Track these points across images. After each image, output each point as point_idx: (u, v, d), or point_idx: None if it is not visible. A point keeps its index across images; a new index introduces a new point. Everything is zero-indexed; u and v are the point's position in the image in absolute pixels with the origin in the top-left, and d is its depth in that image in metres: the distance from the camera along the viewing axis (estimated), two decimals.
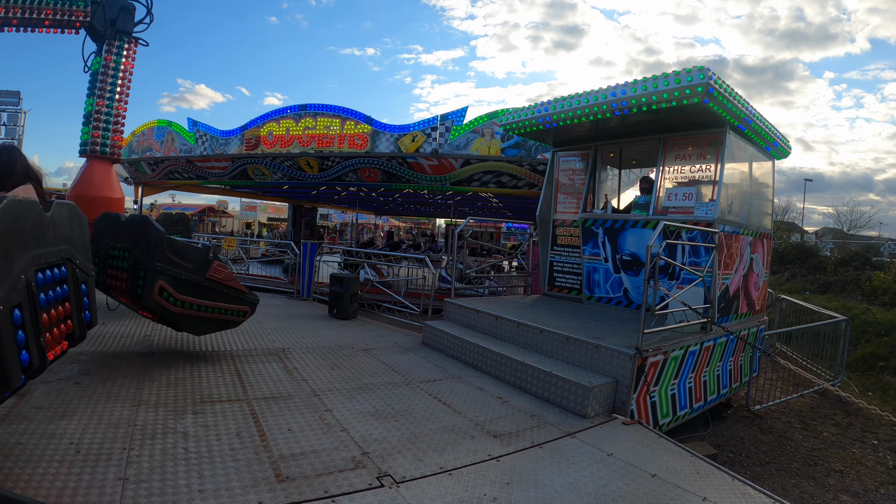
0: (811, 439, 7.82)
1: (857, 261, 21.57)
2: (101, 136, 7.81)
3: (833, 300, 17.09)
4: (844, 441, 7.96)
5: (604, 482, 3.33)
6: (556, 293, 8.64)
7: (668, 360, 5.24)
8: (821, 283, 20.37)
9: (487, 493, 3.01)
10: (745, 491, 3.41)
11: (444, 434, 3.87)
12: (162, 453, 3.11)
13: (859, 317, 14.70)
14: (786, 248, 24.96)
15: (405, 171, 14.33)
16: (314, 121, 14.25)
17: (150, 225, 4.68)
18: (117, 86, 8.08)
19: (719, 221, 6.37)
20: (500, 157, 13.19)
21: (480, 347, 5.93)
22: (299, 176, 15.78)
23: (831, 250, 29.30)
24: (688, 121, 6.81)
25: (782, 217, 53.08)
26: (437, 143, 13.21)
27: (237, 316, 5.40)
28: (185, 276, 4.75)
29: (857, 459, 7.24)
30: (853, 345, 13.60)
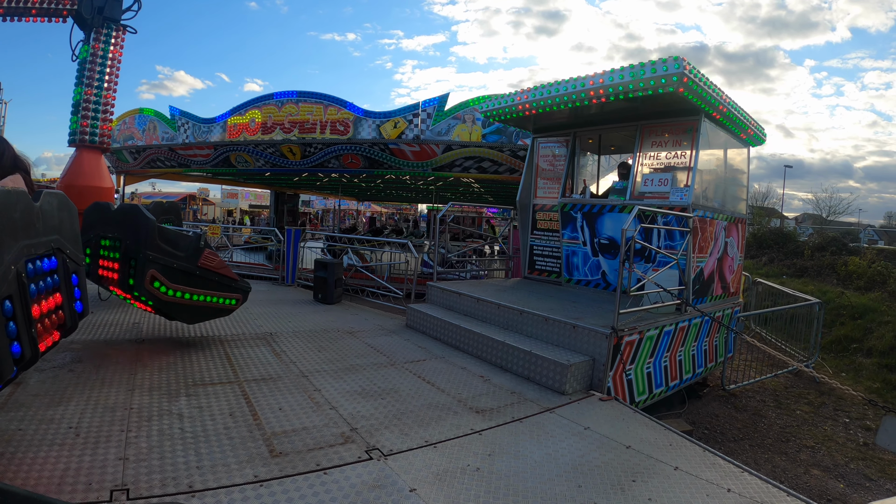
0: (784, 417, 8.13)
1: (834, 246, 22.05)
2: (90, 126, 7.74)
3: (809, 284, 17.51)
4: (817, 419, 8.30)
5: (580, 453, 3.54)
6: (536, 276, 8.84)
7: (644, 339, 5.45)
8: (798, 267, 20.81)
9: (470, 464, 3.21)
10: (714, 461, 3.64)
11: (429, 410, 4.05)
12: (159, 434, 3.25)
13: (834, 300, 15.14)
14: (764, 234, 25.41)
15: (387, 157, 14.41)
16: (296, 107, 14.30)
17: (140, 214, 4.66)
18: (105, 74, 7.97)
19: (694, 206, 6.56)
20: (481, 143, 13.33)
21: (462, 329, 6.12)
22: (282, 163, 15.80)
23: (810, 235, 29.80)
24: (664, 109, 6.98)
25: (762, 203, 53.72)
26: (418, 129, 13.30)
27: (229, 304, 5.40)
28: (176, 265, 4.75)
29: (829, 436, 7.56)
30: (828, 327, 14.03)
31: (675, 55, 5.96)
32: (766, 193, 55.85)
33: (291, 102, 14.46)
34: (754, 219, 30.56)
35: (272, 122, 14.58)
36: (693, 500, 3.01)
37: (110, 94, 8.03)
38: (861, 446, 7.24)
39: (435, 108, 13.03)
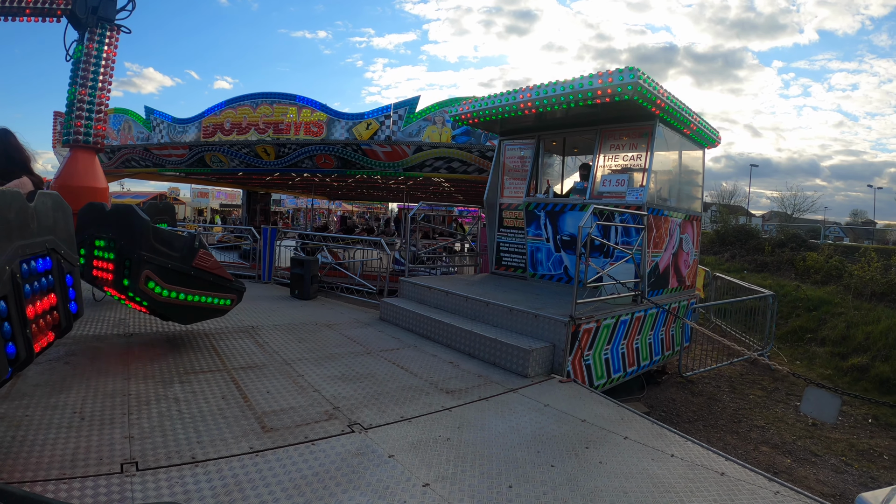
0: (738, 401, 8.69)
1: (794, 242, 22.98)
2: (84, 126, 7.71)
3: (768, 279, 18.30)
4: (769, 402, 8.87)
5: (540, 426, 3.95)
6: (502, 272, 9.25)
7: (601, 327, 5.88)
8: (758, 263, 21.66)
9: (441, 435, 3.60)
10: (661, 432, 4.10)
11: (404, 392, 4.42)
12: (159, 415, 3.55)
13: (791, 294, 15.95)
14: (727, 231, 26.28)
15: (360, 157, 14.71)
16: (271, 108, 14.50)
17: (135, 214, 4.67)
18: (100, 74, 7.93)
19: (648, 205, 7.01)
20: (450, 144, 13.70)
21: (433, 320, 6.51)
22: (256, 163, 15.98)
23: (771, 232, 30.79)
24: (622, 114, 7.42)
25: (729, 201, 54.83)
26: (390, 130, 13.61)
27: (224, 304, 5.42)
28: (171, 265, 4.75)
29: (779, 417, 8.12)
30: (784, 319, 14.81)
31: (630, 66, 6.45)
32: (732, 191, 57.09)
33: (266, 103, 14.65)
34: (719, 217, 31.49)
35: (247, 123, 14.74)
36: (639, 462, 3.46)
37: (104, 95, 8.02)
38: (809, 427, 7.79)
39: (406, 110, 13.37)
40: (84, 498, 2.50)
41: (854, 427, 8.24)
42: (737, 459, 3.75)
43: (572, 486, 3.04)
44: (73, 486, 2.61)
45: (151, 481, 2.71)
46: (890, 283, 15.28)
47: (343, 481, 2.86)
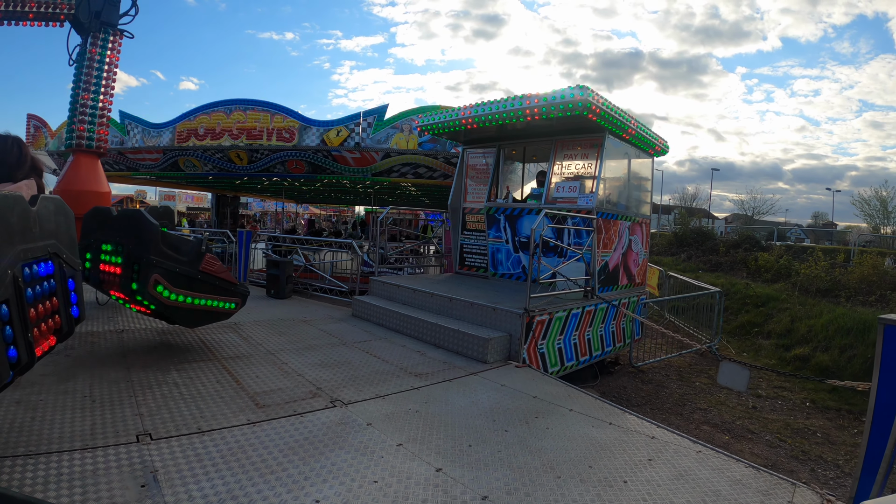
0: (684, 388, 9.42)
1: (748, 243, 24.12)
2: (87, 130, 7.70)
3: (721, 277, 19.25)
4: (713, 389, 9.61)
5: (496, 401, 4.53)
6: (466, 271, 9.85)
7: (553, 319, 6.49)
8: (713, 263, 22.69)
9: (411, 408, 4.16)
10: (602, 406, 4.72)
11: (377, 375, 4.97)
12: (162, 396, 4.00)
13: (741, 291, 16.94)
14: (685, 233, 27.35)
15: (330, 163, 15.14)
16: (244, 115, 14.86)
17: (144, 218, 4.69)
18: (102, 78, 7.91)
19: (598, 209, 7.68)
20: (417, 151, 14.25)
21: (402, 315, 7.06)
22: (229, 167, 16.30)
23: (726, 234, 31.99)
24: (575, 127, 8.06)
25: (691, 203, 56.37)
26: (359, 137, 14.09)
27: (229, 308, 5.45)
28: (179, 269, 4.77)
29: (722, 401, 8.84)
30: (735, 315, 15.77)
31: (581, 84, 7.13)
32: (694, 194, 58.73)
33: (240, 110, 15.01)
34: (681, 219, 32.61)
35: (221, 129, 15.06)
36: (581, 429, 4.07)
37: (107, 99, 8.01)
38: (749, 409, 8.51)
39: (375, 117, 13.90)
40: (108, 462, 2.94)
41: (792, 410, 8.98)
42: (667, 426, 4.41)
43: (522, 445, 3.65)
44: (97, 453, 3.03)
45: (166, 447, 3.18)
46: (833, 280, 16.34)
47: (330, 443, 3.41)
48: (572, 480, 3.19)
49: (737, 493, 3.21)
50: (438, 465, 3.24)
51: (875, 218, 43.78)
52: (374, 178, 15.29)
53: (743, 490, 3.27)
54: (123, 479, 2.77)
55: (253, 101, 14.83)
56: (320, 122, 14.46)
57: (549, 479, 3.19)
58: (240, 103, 15.07)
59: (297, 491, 2.79)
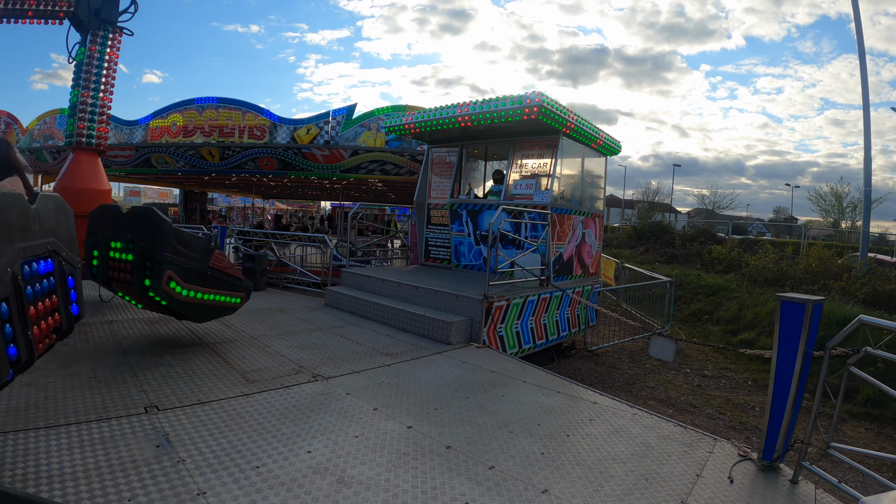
0: (635, 369, 10.12)
1: (703, 237, 25.19)
2: (87, 128, 7.61)
3: (676, 269, 20.17)
4: (663, 370, 10.37)
5: (459, 374, 5.11)
6: (431, 263, 10.39)
7: (511, 305, 7.07)
8: (669, 255, 23.63)
9: (384, 381, 4.70)
10: (553, 378, 5.32)
11: (352, 355, 5.49)
12: (161, 376, 4.43)
13: (693, 281, 17.88)
14: (644, 227, 28.33)
15: (300, 160, 15.51)
16: (216, 113, 15.13)
17: (157, 216, 4.71)
18: (102, 76, 7.81)
19: (552, 205, 8.27)
20: (384, 149, 14.74)
21: (372, 303, 7.58)
22: (201, 164, 16.48)
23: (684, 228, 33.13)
24: (532, 129, 8.62)
25: (653, 198, 57.63)
26: (329, 135, 14.54)
27: (235, 302, 5.57)
28: (190, 266, 4.83)
29: (669, 381, 9.55)
30: (687, 303, 16.66)
31: (537, 91, 7.75)
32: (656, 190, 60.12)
33: (212, 108, 15.28)
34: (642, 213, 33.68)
35: (193, 126, 15.31)
36: (532, 396, 4.66)
37: (107, 97, 7.92)
38: (695, 387, 9.20)
39: (344, 116, 14.35)
40: (123, 429, 3.37)
41: (734, 388, 9.71)
42: (608, 394, 5.07)
43: (480, 408, 4.24)
44: (112, 423, 3.46)
45: (172, 416, 3.63)
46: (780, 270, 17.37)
47: (315, 409, 3.94)
48: (522, 434, 3.80)
49: (664, 445, 3.84)
50: (409, 423, 3.81)
51: (830, 213, 45.63)
52: (342, 174, 15.74)
53: (670, 443, 3.90)
54: (140, 442, 3.22)
55: (225, 99, 15.11)
56: (291, 120, 14.83)
57: (503, 433, 3.79)
58: (212, 101, 15.31)
59: (291, 445, 3.32)
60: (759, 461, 3.69)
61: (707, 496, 3.14)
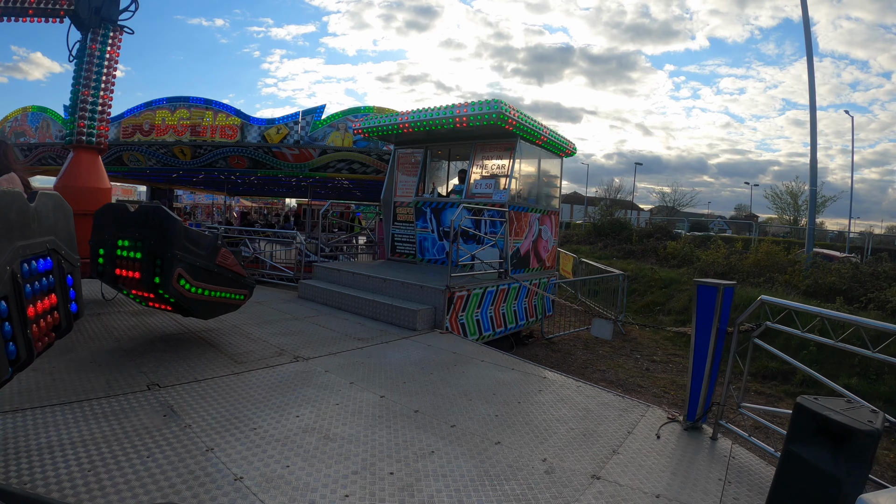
0: (589, 355, 10.79)
1: (659, 233, 26.23)
2: (87, 126, 7.55)
3: (632, 264, 21.07)
4: (615, 355, 11.07)
5: (423, 355, 5.68)
6: (397, 258, 10.94)
7: (471, 295, 7.66)
8: (627, 251, 24.56)
9: (357, 361, 5.24)
10: (508, 358, 5.94)
11: (327, 340, 6.00)
12: (156, 360, 4.86)
13: (648, 275, 18.80)
14: (602, 223, 29.31)
15: (270, 158, 15.83)
16: (188, 112, 15.35)
17: (166, 215, 4.75)
18: (103, 75, 7.72)
19: (510, 203, 8.89)
20: (352, 148, 15.21)
21: (343, 294, 8.09)
22: (173, 162, 16.65)
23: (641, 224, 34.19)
24: (491, 132, 9.20)
25: (615, 195, 58.64)
26: (298, 135, 14.97)
27: (239, 299, 5.66)
28: (198, 263, 4.89)
29: (620, 365, 10.23)
30: (641, 295, 17.56)
31: (496, 98, 8.38)
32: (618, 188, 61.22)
33: (184, 107, 15.49)
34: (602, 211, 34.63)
35: (166, 125, 15.48)
36: (490, 373, 5.24)
37: (108, 95, 7.82)
38: (643, 371, 9.87)
39: (313, 117, 14.83)
40: (131, 403, 3.80)
41: (681, 371, 10.33)
42: (557, 371, 5.71)
43: (443, 382, 4.82)
44: (119, 399, 3.89)
45: (173, 391, 4.09)
46: (730, 265, 18.42)
47: (299, 383, 4.47)
48: (480, 402, 4.40)
49: (603, 410, 4.49)
50: (381, 393, 4.38)
51: (786, 211, 47.28)
52: (311, 172, 16.17)
53: (608, 408, 4.55)
54: (147, 413, 3.67)
55: (197, 98, 15.33)
56: (261, 119, 15.18)
57: (463, 401, 4.39)
58: (184, 101, 15.50)
59: (282, 412, 3.85)
60: (684, 422, 4.34)
61: (636, 448, 3.78)
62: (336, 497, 2.78)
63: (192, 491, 2.72)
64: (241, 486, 2.81)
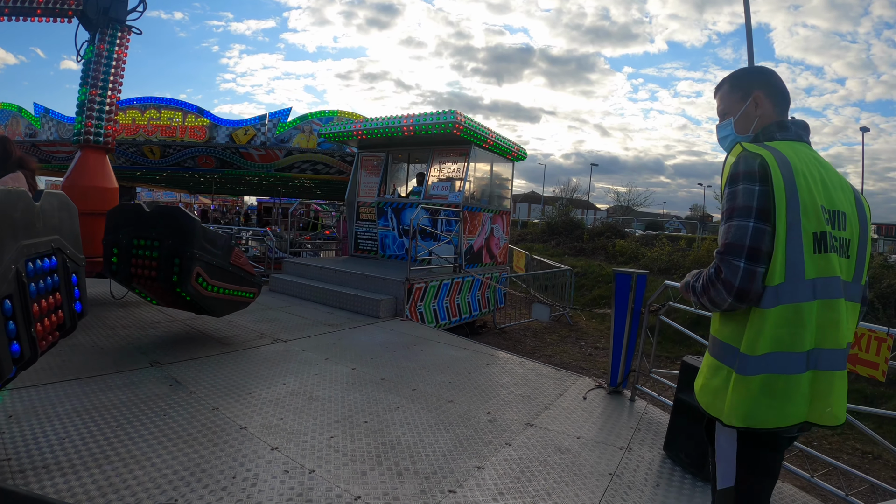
0: (537, 342, 11.68)
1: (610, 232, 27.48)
2: (95, 126, 7.49)
3: (582, 261, 22.22)
4: (561, 343, 11.98)
5: (387, 338, 6.44)
6: (360, 254, 11.68)
7: (428, 287, 8.44)
8: (578, 248, 25.68)
9: (330, 342, 5.96)
10: (460, 340, 6.71)
11: (301, 326, 6.68)
12: (151, 342, 5.43)
13: (596, 271, 19.95)
14: (556, 222, 30.43)
15: (237, 159, 16.29)
16: (158, 113, 15.64)
17: (184, 215, 4.83)
18: (111, 74, 7.69)
19: (464, 204, 9.73)
20: (316, 150, 15.79)
21: (312, 286, 8.75)
22: (142, 161, 16.90)
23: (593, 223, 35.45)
24: (448, 139, 10.03)
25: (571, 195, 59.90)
26: (265, 136, 15.53)
27: (249, 297, 5.83)
28: (215, 262, 5.00)
29: (565, 350, 11.11)
30: (590, 290, 18.67)
31: (451, 109, 9.21)
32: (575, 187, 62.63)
33: (154, 108, 15.78)
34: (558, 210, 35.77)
35: (136, 125, 15.73)
36: (444, 351, 6.03)
37: (115, 95, 7.79)
38: (586, 355, 10.74)
39: (279, 119, 15.41)
40: (139, 377, 4.38)
41: None
42: (503, 349, 6.57)
43: (405, 358, 5.58)
44: (128, 374, 4.45)
45: (174, 367, 4.71)
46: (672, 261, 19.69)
47: (281, 360, 5.16)
48: (436, 372, 5.20)
49: (540, 379, 5.34)
50: (353, 366, 5.13)
51: None
52: (276, 172, 16.72)
53: (545, 378, 5.41)
54: (155, 384, 4.28)
55: (165, 99, 15.67)
56: (230, 121, 15.62)
57: (422, 372, 5.18)
58: (153, 101, 15.77)
59: (270, 381, 4.55)
60: (608, 388, 5.22)
61: (565, 406, 4.64)
62: (323, 438, 3.54)
63: (207, 437, 3.40)
64: (247, 433, 3.52)
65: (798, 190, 1.69)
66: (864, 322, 2.95)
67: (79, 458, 3.00)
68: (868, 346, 3.30)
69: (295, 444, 3.44)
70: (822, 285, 1.70)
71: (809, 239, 1.69)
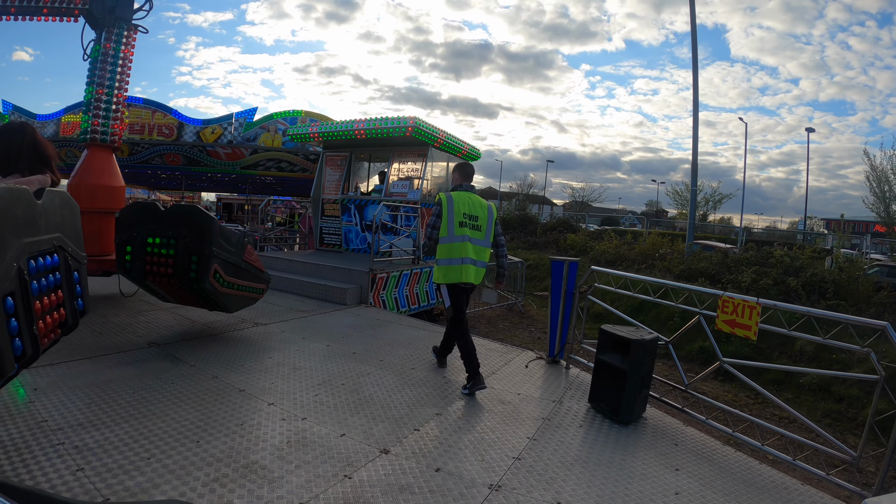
0: (490, 328, 12.59)
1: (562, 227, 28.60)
2: (101, 125, 7.45)
3: (535, 254, 23.24)
4: (512, 329, 12.90)
5: (355, 321, 7.21)
6: (325, 248, 12.33)
7: (390, 277, 9.16)
8: (531, 242, 26.69)
9: (303, 325, 6.68)
10: (419, 322, 7.57)
11: (276, 312, 7.36)
12: (145, 328, 6.00)
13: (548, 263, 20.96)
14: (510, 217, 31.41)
15: (204, 157, 16.64)
16: (127, 111, 15.87)
17: (202, 213, 4.86)
18: (117, 73, 7.62)
19: (422, 200, 10.51)
20: (281, 149, 16.33)
21: (283, 277, 9.36)
22: None
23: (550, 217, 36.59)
24: (407, 141, 10.78)
25: (528, 191, 60.73)
26: (232, 135, 16.02)
27: (259, 293, 5.99)
28: (230, 259, 5.06)
29: (516, 335, 11.99)
30: (542, 281, 19.70)
31: (413, 116, 10.00)
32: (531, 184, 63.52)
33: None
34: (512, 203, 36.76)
35: None
36: (405, 331, 6.83)
37: (121, 94, 7.73)
38: (535, 339, 11.65)
39: (245, 119, 15.90)
40: (144, 355, 4.96)
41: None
42: None
43: (372, 336, 6.38)
44: (131, 353, 5.03)
45: (171, 347, 5.33)
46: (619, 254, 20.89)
47: (264, 340, 5.87)
48: (399, 347, 6.03)
49: (489, 353, 6.24)
50: (327, 343, 5.90)
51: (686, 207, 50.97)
52: (242, 170, 17.21)
53: (493, 352, 6.34)
54: (158, 361, 4.91)
55: (134, 97, 15.98)
56: (197, 120, 15.99)
57: (387, 347, 5.99)
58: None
59: (258, 356, 5.25)
60: (547, 358, 6.14)
61: (509, 372, 5.55)
62: (309, 396, 4.33)
63: (213, 397, 4.11)
64: (246, 394, 4.26)
65: (454, 206, 4.96)
66: (733, 294, 3.98)
67: (107, 416, 3.61)
68: (744, 312, 4.21)
69: (287, 400, 4.20)
70: (460, 237, 4.93)
71: (457, 221, 4.92)
